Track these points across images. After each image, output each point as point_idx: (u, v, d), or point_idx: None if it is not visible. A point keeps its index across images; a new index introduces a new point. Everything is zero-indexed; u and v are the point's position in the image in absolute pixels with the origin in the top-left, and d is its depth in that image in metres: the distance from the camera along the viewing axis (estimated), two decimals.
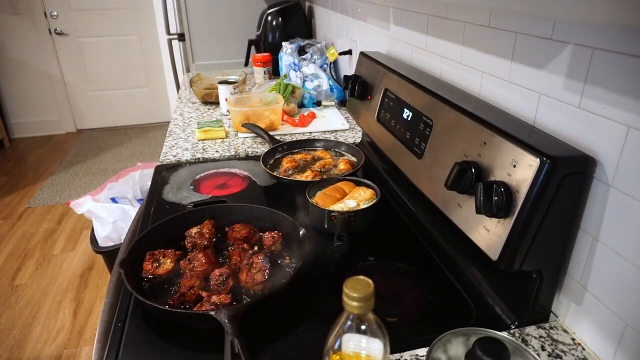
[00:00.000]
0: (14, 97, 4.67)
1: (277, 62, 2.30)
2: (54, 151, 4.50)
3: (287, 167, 1.30)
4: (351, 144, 1.44)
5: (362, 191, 1.10)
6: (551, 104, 0.77)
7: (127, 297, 0.87)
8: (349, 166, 1.31)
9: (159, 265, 0.89)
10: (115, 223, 1.84)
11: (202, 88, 2.08)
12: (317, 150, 1.45)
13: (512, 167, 0.70)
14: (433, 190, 0.92)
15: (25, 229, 3.16)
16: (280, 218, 1.00)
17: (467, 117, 0.85)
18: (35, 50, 4.54)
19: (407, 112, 1.09)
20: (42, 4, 4.40)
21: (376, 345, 0.53)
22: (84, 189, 3.69)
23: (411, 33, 1.30)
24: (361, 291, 0.50)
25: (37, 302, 2.46)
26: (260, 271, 0.85)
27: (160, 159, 1.49)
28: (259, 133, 1.58)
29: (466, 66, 1.03)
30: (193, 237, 0.97)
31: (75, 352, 2.14)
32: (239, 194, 1.27)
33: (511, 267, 0.71)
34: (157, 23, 4.20)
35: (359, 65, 1.48)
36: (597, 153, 0.68)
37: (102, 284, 2.59)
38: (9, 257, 2.85)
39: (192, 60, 2.89)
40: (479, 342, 0.56)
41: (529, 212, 0.67)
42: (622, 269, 0.65)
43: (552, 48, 0.75)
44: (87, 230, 3.09)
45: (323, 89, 1.97)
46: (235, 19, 2.84)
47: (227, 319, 0.71)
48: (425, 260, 0.98)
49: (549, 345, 0.73)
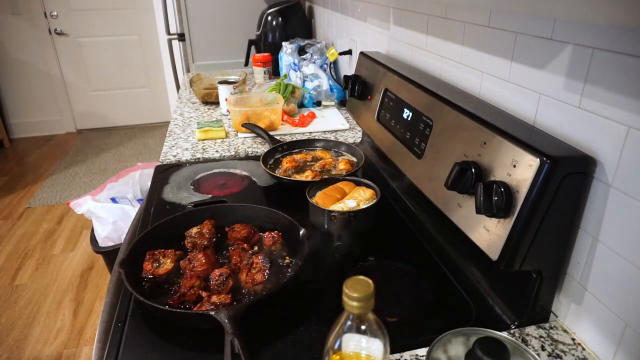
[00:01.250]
0: (14, 97, 4.67)
1: (277, 62, 2.30)
2: (54, 151, 4.50)
3: (287, 167, 1.30)
4: (351, 144, 1.44)
5: (362, 191, 1.10)
6: (551, 104, 0.77)
7: (127, 297, 0.87)
8: (349, 166, 1.31)
9: (159, 265, 0.89)
10: (115, 223, 1.84)
11: (202, 88, 2.08)
12: (317, 150, 1.45)
13: (512, 167, 0.70)
14: (433, 190, 0.92)
15: (25, 229, 3.16)
16: (280, 218, 1.00)
17: (467, 117, 0.85)
18: (35, 50, 4.54)
19: (407, 112, 1.09)
20: (42, 4, 4.40)
21: (376, 345, 0.53)
22: (84, 189, 3.69)
23: (411, 33, 1.30)
24: (361, 291, 0.50)
25: (37, 302, 2.46)
26: (260, 271, 0.85)
27: (160, 159, 1.49)
28: (259, 133, 1.58)
29: (466, 66, 1.03)
30: (193, 237, 0.97)
31: (75, 352, 2.14)
32: (239, 194, 1.27)
33: (511, 267, 0.71)
34: (157, 23, 4.20)
35: (359, 65, 1.49)
36: (597, 153, 0.68)
37: (102, 284, 2.59)
38: (9, 257, 2.85)
39: (192, 60, 2.89)
40: (479, 342, 0.56)
41: (529, 212, 0.67)
42: (622, 269, 0.65)
43: (552, 48, 0.75)
44: (87, 230, 3.09)
45: (323, 89, 1.97)
46: (235, 19, 2.84)
47: (227, 319, 0.71)
48: (425, 260, 0.98)
49: (549, 345, 0.73)
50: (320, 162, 1.34)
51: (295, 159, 1.36)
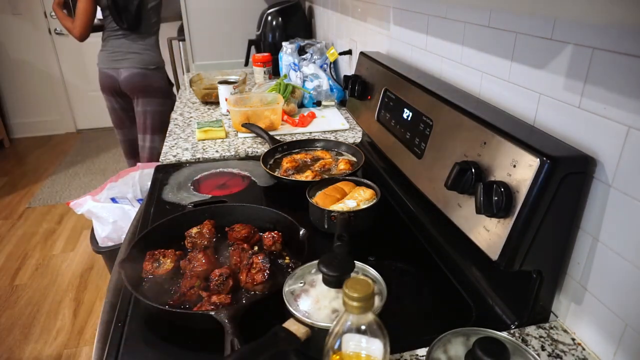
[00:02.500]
0: (14, 97, 4.67)
1: (277, 62, 2.30)
2: (54, 151, 4.50)
3: (287, 167, 1.30)
4: (351, 144, 1.44)
5: (362, 191, 1.10)
6: (551, 104, 0.77)
7: (127, 297, 0.87)
8: (349, 166, 1.31)
9: (159, 265, 0.89)
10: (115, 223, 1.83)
11: (202, 88, 2.08)
12: (317, 150, 1.45)
13: (512, 167, 0.70)
14: (433, 190, 0.92)
15: (25, 229, 3.16)
16: (280, 218, 1.00)
17: (467, 117, 0.85)
18: (35, 50, 4.54)
19: (407, 112, 1.09)
20: (42, 4, 4.40)
21: (376, 345, 0.53)
22: (84, 189, 3.69)
23: (411, 33, 1.30)
24: (361, 291, 0.50)
25: (37, 302, 2.46)
26: (260, 271, 0.85)
27: (160, 159, 1.49)
28: (259, 133, 1.58)
29: (466, 66, 1.03)
30: (193, 237, 0.97)
31: (75, 352, 2.14)
32: (239, 194, 1.27)
33: (511, 267, 0.71)
34: None
35: (359, 65, 1.49)
36: (597, 153, 0.68)
37: (102, 284, 2.59)
38: (9, 257, 2.85)
39: (192, 60, 2.89)
40: (479, 342, 0.56)
41: (529, 212, 0.67)
42: (622, 269, 0.65)
43: (552, 48, 0.75)
44: (87, 230, 3.09)
45: (323, 89, 1.97)
46: (235, 19, 2.84)
47: (227, 319, 0.71)
48: (425, 260, 0.98)
49: (549, 345, 0.73)
50: (320, 162, 1.34)
51: (295, 159, 1.36)
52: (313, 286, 0.70)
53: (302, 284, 0.71)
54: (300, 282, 0.72)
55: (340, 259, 0.67)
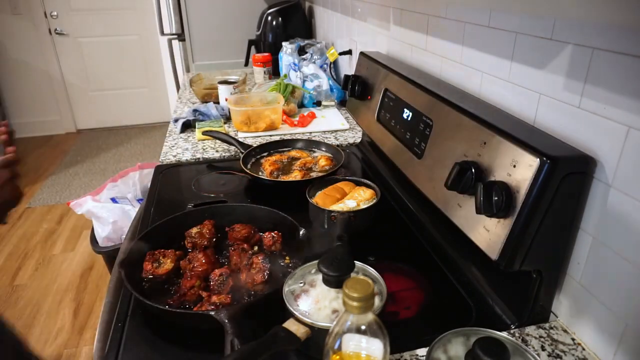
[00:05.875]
0: (14, 97, 4.66)
1: (277, 62, 2.30)
2: (54, 151, 4.50)
3: (270, 169, 1.29)
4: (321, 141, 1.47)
5: (362, 191, 1.10)
6: (551, 104, 0.77)
7: (127, 297, 0.87)
8: (330, 161, 1.32)
9: (159, 265, 0.89)
10: (115, 223, 1.83)
11: (202, 88, 2.08)
12: (291, 151, 1.45)
13: (512, 167, 0.70)
14: (433, 190, 0.92)
15: (25, 229, 3.16)
16: (280, 218, 1.00)
17: (467, 117, 0.85)
18: (35, 50, 4.53)
19: (407, 112, 1.09)
20: (42, 4, 4.40)
21: (376, 345, 0.53)
22: (84, 189, 3.69)
23: (411, 33, 1.30)
24: (361, 291, 0.50)
25: (37, 302, 2.45)
26: (260, 271, 0.85)
27: (160, 159, 1.49)
28: (226, 139, 1.51)
29: (466, 66, 1.03)
30: (193, 237, 0.97)
31: (75, 352, 2.14)
32: (239, 194, 1.27)
33: (511, 267, 0.71)
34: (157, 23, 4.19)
35: (359, 65, 1.48)
36: (597, 153, 0.68)
37: (102, 284, 2.59)
38: (9, 257, 2.85)
39: (192, 60, 2.89)
40: (479, 342, 0.56)
41: (528, 212, 0.67)
42: (622, 269, 0.65)
43: (552, 48, 0.75)
44: (87, 231, 3.08)
45: (323, 89, 1.97)
46: (235, 19, 2.84)
47: (227, 319, 0.71)
48: (425, 260, 0.98)
49: (549, 345, 0.73)
50: (300, 161, 1.34)
51: (274, 160, 1.34)
52: (313, 286, 0.70)
53: (302, 284, 0.71)
54: (300, 282, 0.72)
55: (340, 259, 0.67)
